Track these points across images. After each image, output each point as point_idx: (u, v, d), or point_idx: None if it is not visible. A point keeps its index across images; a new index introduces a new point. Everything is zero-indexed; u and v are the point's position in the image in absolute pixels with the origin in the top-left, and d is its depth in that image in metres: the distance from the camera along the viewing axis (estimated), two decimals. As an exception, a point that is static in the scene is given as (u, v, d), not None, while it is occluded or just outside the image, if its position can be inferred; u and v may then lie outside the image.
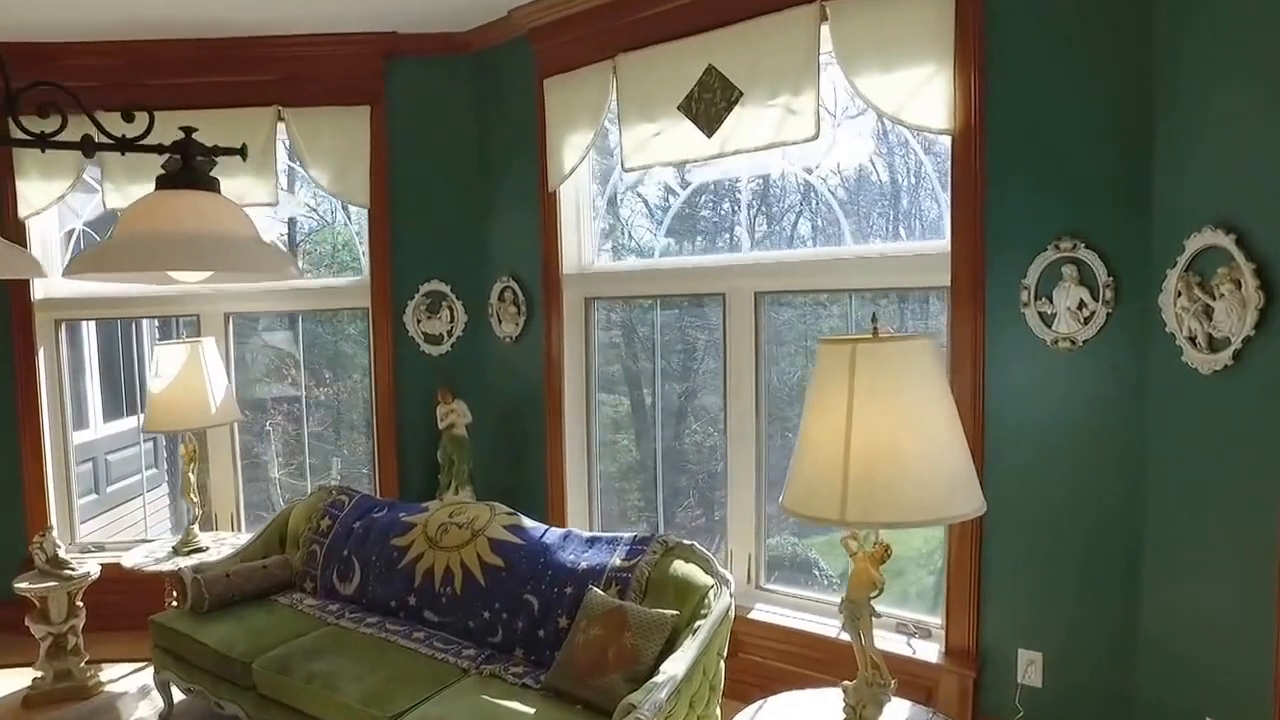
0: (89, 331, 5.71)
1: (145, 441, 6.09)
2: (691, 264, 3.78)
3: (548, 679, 2.68)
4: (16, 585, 3.57)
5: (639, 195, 4.36)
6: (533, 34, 3.93)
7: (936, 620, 3.07)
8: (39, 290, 4.34)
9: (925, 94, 2.79)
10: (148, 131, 1.89)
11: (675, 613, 2.62)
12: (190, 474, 4.00)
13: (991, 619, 2.87)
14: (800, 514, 1.91)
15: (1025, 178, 2.71)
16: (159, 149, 1.88)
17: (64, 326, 4.47)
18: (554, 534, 3.21)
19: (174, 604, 3.82)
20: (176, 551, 3.89)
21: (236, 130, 4.08)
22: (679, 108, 3.40)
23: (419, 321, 4.39)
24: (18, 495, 4.33)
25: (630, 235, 4.38)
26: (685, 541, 2.93)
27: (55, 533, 4.19)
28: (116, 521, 5.79)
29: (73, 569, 3.64)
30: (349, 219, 4.66)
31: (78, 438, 4.77)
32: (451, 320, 4.41)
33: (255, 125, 4.14)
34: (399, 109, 4.27)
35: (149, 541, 4.30)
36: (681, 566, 2.82)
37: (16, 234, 4.22)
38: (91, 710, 3.55)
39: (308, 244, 6.09)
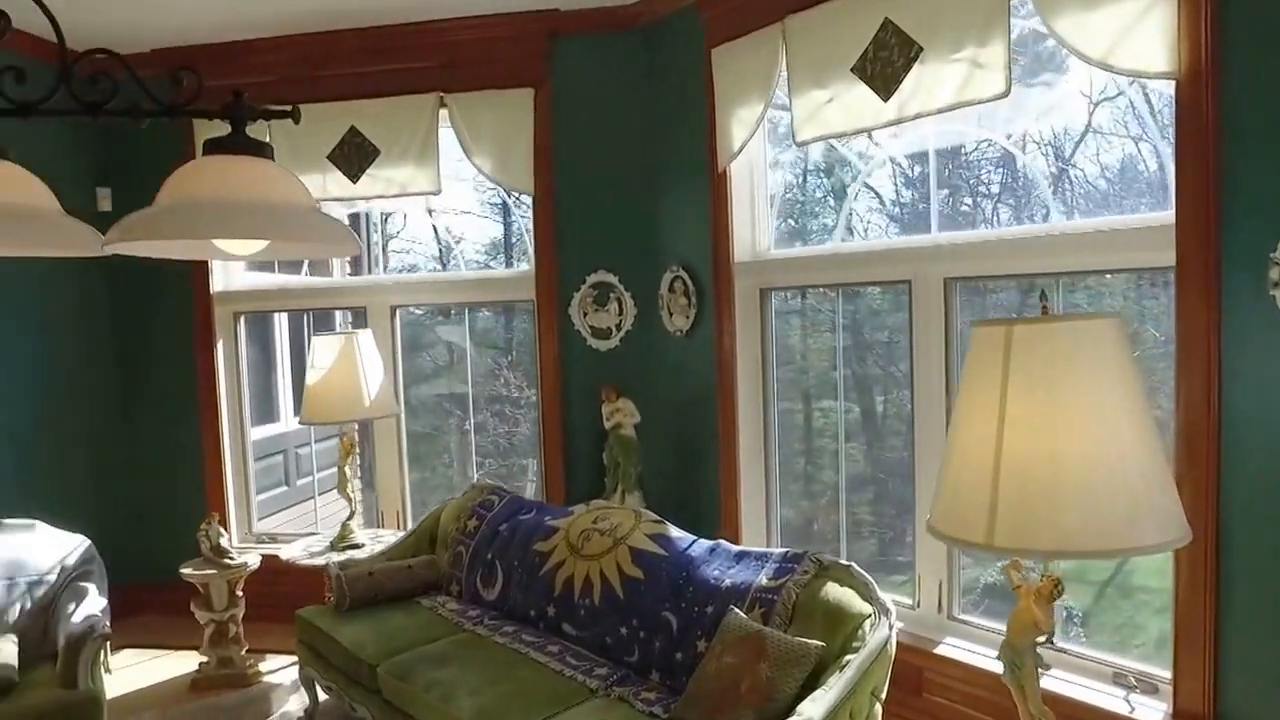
0: (280, 325, 6.32)
1: (335, 436, 6.65)
2: (872, 248, 3.58)
3: (675, 710, 2.59)
4: (181, 570, 3.98)
5: (868, 186, 4.16)
6: (701, 1, 3.90)
7: (1165, 674, 2.67)
8: (217, 283, 4.83)
9: (1141, 31, 2.44)
10: (197, 96, 1.99)
11: (821, 644, 2.44)
12: (346, 469, 4.29)
13: (1235, 677, 2.44)
14: (944, 535, 1.71)
15: (1274, 129, 2.30)
16: (206, 113, 1.98)
17: (242, 319, 4.96)
18: (701, 546, 3.12)
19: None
20: (333, 547, 4.18)
21: (400, 118, 4.40)
22: (852, 70, 3.21)
23: (585, 315, 4.47)
24: (199, 484, 4.85)
25: (860, 226, 4.20)
26: (841, 562, 2.74)
27: (231, 522, 4.68)
28: (308, 514, 6.35)
29: (232, 559, 4.01)
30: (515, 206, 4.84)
31: (268, 431, 5.29)
32: (620, 313, 4.44)
33: (418, 113, 4.40)
34: (563, 90, 4.37)
35: (312, 535, 4.66)
36: (835, 590, 2.63)
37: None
38: (247, 699, 3.87)
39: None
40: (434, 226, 7.07)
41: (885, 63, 3.10)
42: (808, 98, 3.41)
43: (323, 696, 3.59)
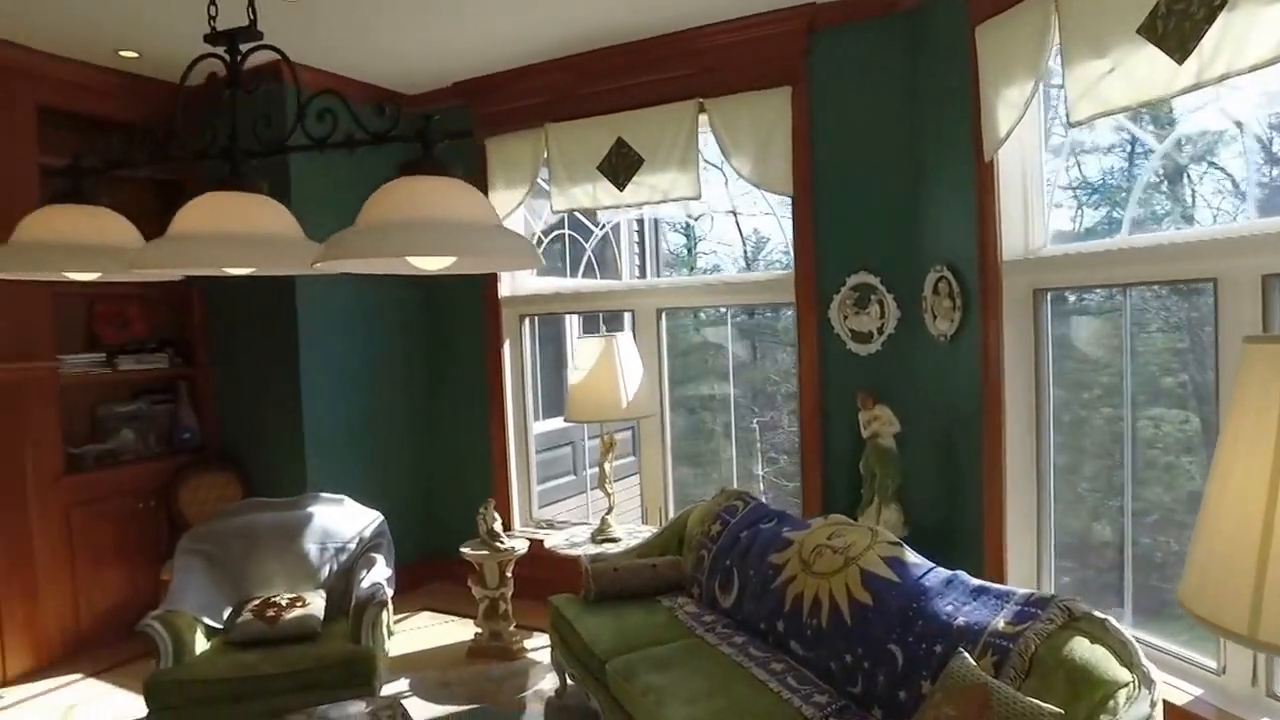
0: (570, 326, 6.56)
1: (624, 430, 6.82)
2: (1161, 241, 2.90)
3: (887, 757, 2.24)
4: (461, 549, 4.21)
5: (1212, 163, 3.44)
6: (969, -26, 3.42)
7: None
8: (504, 288, 5.10)
9: None
10: (395, 124, 2.01)
11: (1060, 711, 1.97)
12: (606, 466, 4.30)
13: None
14: (1194, 613, 1.25)
15: None
16: (403, 138, 1.98)
17: (528, 321, 5.18)
18: (937, 575, 2.71)
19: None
20: (593, 539, 4.21)
21: (661, 126, 4.34)
22: (1139, 30, 2.61)
23: (845, 318, 4.13)
24: (488, 472, 5.14)
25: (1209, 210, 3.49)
26: (1097, 614, 2.21)
27: (513, 507, 4.90)
28: (595, 503, 6.56)
29: (502, 543, 4.18)
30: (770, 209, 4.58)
31: (557, 424, 5.51)
32: (882, 316, 4.05)
33: (679, 120, 4.31)
34: (821, 86, 4.07)
35: (583, 525, 4.74)
36: (1084, 647, 2.12)
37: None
38: (510, 672, 4.02)
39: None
40: (739, 228, 6.99)
41: (1182, 16, 2.48)
42: (1084, 70, 2.84)
43: (570, 681, 3.61)
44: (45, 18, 3.78)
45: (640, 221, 6.77)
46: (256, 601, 3.50)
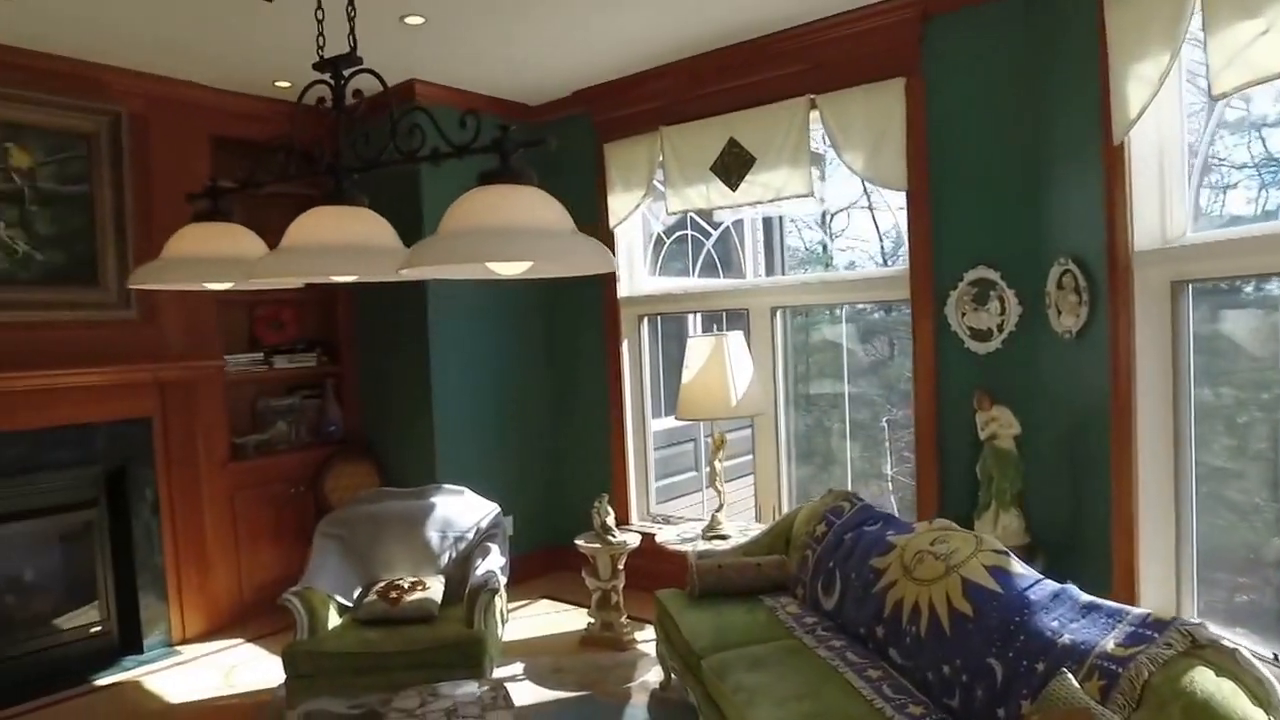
0: (694, 326, 6.52)
1: (743, 429, 6.74)
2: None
3: (974, 777, 2.09)
4: (575, 541, 4.27)
5: None
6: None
7: None
8: (623, 289, 5.13)
9: None
10: (476, 136, 2.03)
11: (1165, 745, 1.78)
12: (716, 463, 4.25)
13: None
14: None
15: None
16: (483, 149, 1.99)
17: (645, 320, 5.19)
18: (1043, 588, 2.51)
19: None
20: (703, 536, 4.17)
21: (772, 124, 4.25)
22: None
23: (963, 315, 3.91)
24: (607, 466, 5.19)
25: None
26: (1226, 642, 1.98)
27: (631, 502, 4.93)
28: (714, 500, 6.52)
29: (614, 536, 4.20)
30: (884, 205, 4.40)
31: (679, 421, 5.50)
32: (1002, 312, 3.81)
33: (789, 117, 4.20)
34: (936, 74, 3.86)
35: (692, 521, 4.71)
36: (1207, 680, 1.90)
37: (607, 243, 5.07)
38: (619, 662, 4.04)
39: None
40: (875, 223, 6.77)
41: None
42: (1231, 34, 2.53)
43: (674, 675, 3.59)
44: (217, 59, 4.12)
45: (765, 219, 6.66)
46: (382, 583, 3.67)
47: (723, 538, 4.10)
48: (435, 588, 3.70)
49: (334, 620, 3.55)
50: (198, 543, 4.51)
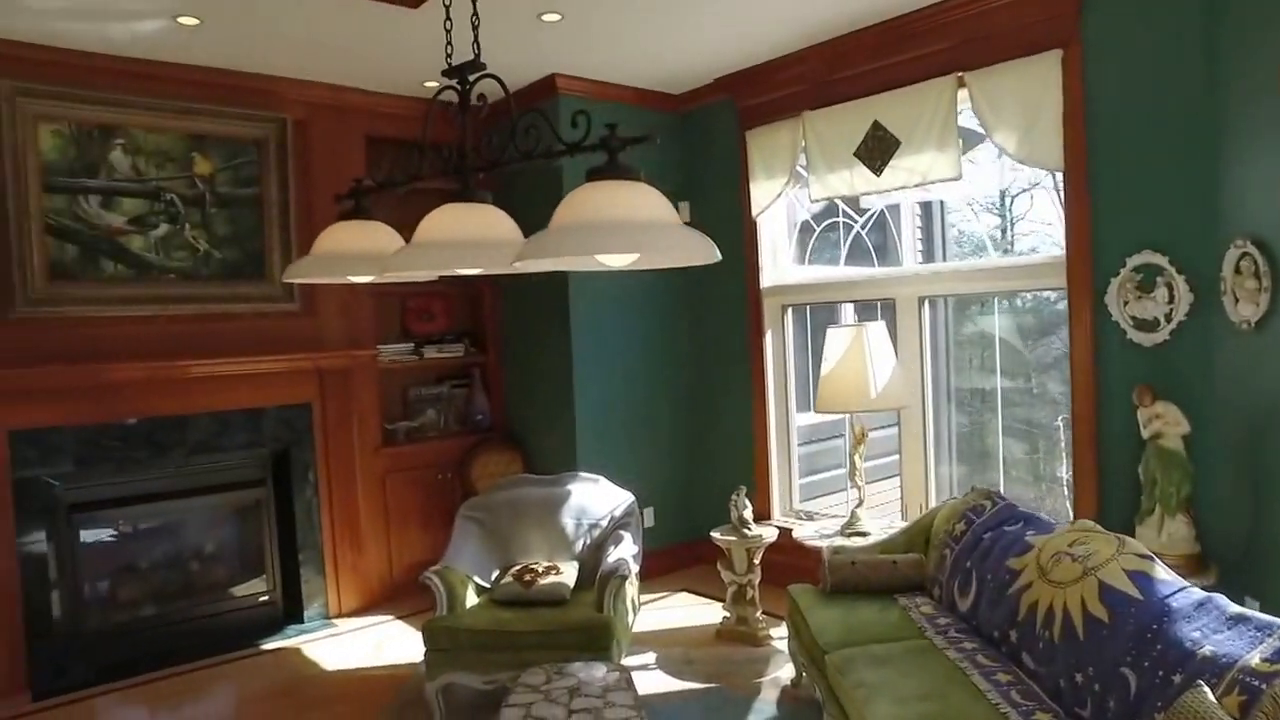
0: (845, 316, 6.50)
1: (894, 425, 6.65)
2: None
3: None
4: (711, 534, 4.42)
5: None
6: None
7: None
8: (766, 278, 5.21)
9: None
10: (586, 135, 2.19)
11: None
12: (856, 458, 4.28)
13: None
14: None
15: None
16: (592, 147, 2.15)
17: (789, 311, 5.25)
18: (1187, 596, 2.43)
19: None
20: (841, 532, 4.22)
21: (918, 106, 4.23)
22: None
23: (1125, 303, 3.75)
24: (749, 460, 5.30)
25: None
26: (1385, 659, 1.88)
27: (773, 497, 5.02)
28: (874, 495, 6.45)
29: (750, 530, 4.32)
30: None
31: (829, 416, 5.53)
32: (1170, 301, 3.63)
33: (936, 97, 4.16)
34: (1097, 43, 3.72)
35: (835, 518, 4.74)
36: (1354, 698, 1.83)
37: (750, 232, 5.17)
38: (752, 657, 4.16)
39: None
40: (1060, 205, 6.54)
41: None
42: None
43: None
44: (371, 64, 4.54)
45: (924, 204, 6.54)
46: (518, 566, 3.96)
47: (862, 535, 4.13)
48: (568, 572, 3.95)
49: (472, 600, 3.87)
50: (352, 523, 5.00)
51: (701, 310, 5.61)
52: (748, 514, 4.40)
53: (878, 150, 4.44)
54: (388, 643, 4.54)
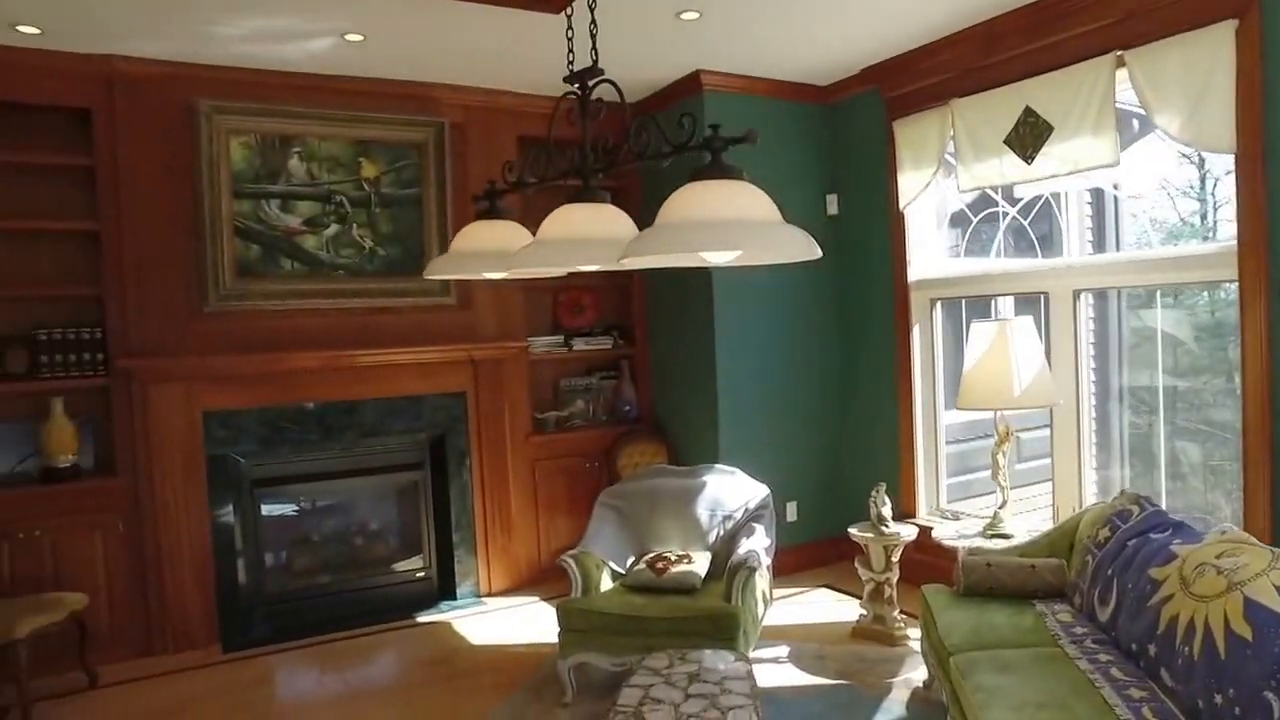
0: (1003, 310, 6.25)
1: (1046, 426, 6.34)
2: None
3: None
4: (849, 530, 4.42)
5: None
6: None
7: None
8: (914, 271, 5.11)
9: None
10: (691, 136, 2.27)
11: None
12: (999, 457, 4.16)
13: None
14: None
15: None
16: (695, 148, 2.24)
17: (937, 305, 5.13)
18: (1344, 617, 2.26)
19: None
20: (983, 534, 4.12)
21: (1072, 89, 4.09)
22: None
23: (1306, 297, 3.48)
24: (893, 458, 5.23)
25: None
26: None
27: (919, 495, 4.95)
28: (1030, 499, 6.20)
29: (887, 528, 4.29)
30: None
31: (985, 414, 5.38)
32: (1361, 296, 3.34)
33: (1093, 78, 3.97)
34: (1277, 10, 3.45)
35: (980, 519, 4.61)
36: None
37: (898, 224, 5.09)
38: (886, 657, 4.14)
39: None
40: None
41: None
42: None
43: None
44: (521, 68, 4.82)
45: (1095, 190, 6.19)
46: (651, 554, 4.13)
47: (1004, 537, 4.03)
48: (700, 562, 4.07)
49: (606, 584, 4.07)
50: (503, 507, 5.33)
51: (847, 304, 5.58)
52: (886, 511, 4.37)
53: (1029, 137, 4.29)
54: (532, 623, 4.82)
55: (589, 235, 2.61)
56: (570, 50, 2.84)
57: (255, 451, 4.72)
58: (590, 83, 2.74)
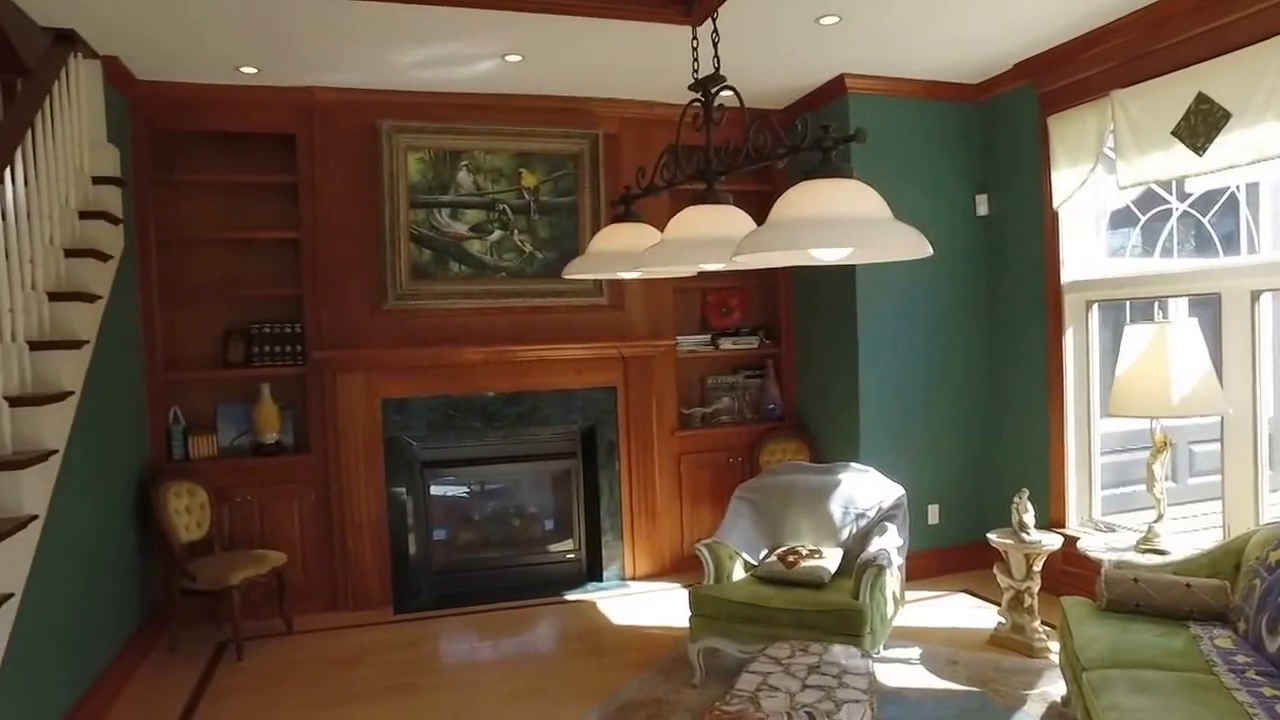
0: (1175, 313, 5.64)
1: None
2: None
3: None
4: (988, 535, 4.12)
5: None
6: None
7: None
8: (1067, 273, 4.69)
9: None
10: (804, 138, 2.16)
11: None
12: (1155, 467, 3.75)
13: None
14: None
15: None
16: (807, 148, 2.12)
17: (1094, 308, 4.69)
18: None
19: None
20: (1135, 549, 3.73)
21: (1254, 70, 3.65)
22: None
23: None
24: (1042, 464, 4.83)
25: None
26: None
27: (1070, 505, 4.57)
28: (1200, 516, 5.59)
29: (1028, 535, 3.96)
30: None
31: (1137, 424, 4.89)
32: None
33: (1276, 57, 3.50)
34: None
35: (1135, 532, 4.17)
36: None
37: (1051, 223, 4.69)
38: (1023, 668, 3.81)
39: None
40: None
41: None
42: None
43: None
44: (670, 79, 4.76)
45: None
46: (783, 548, 4.00)
47: (1158, 553, 3.62)
48: (831, 558, 3.91)
49: (739, 574, 3.98)
50: (649, 497, 5.33)
51: (996, 305, 5.21)
52: (1028, 518, 4.03)
53: (1201, 126, 3.83)
54: (671, 608, 4.79)
55: (709, 235, 2.55)
56: (715, 57, 2.78)
57: (425, 436, 4.96)
58: (713, 90, 2.68)
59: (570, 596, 5.05)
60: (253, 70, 4.42)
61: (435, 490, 5.17)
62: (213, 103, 4.64)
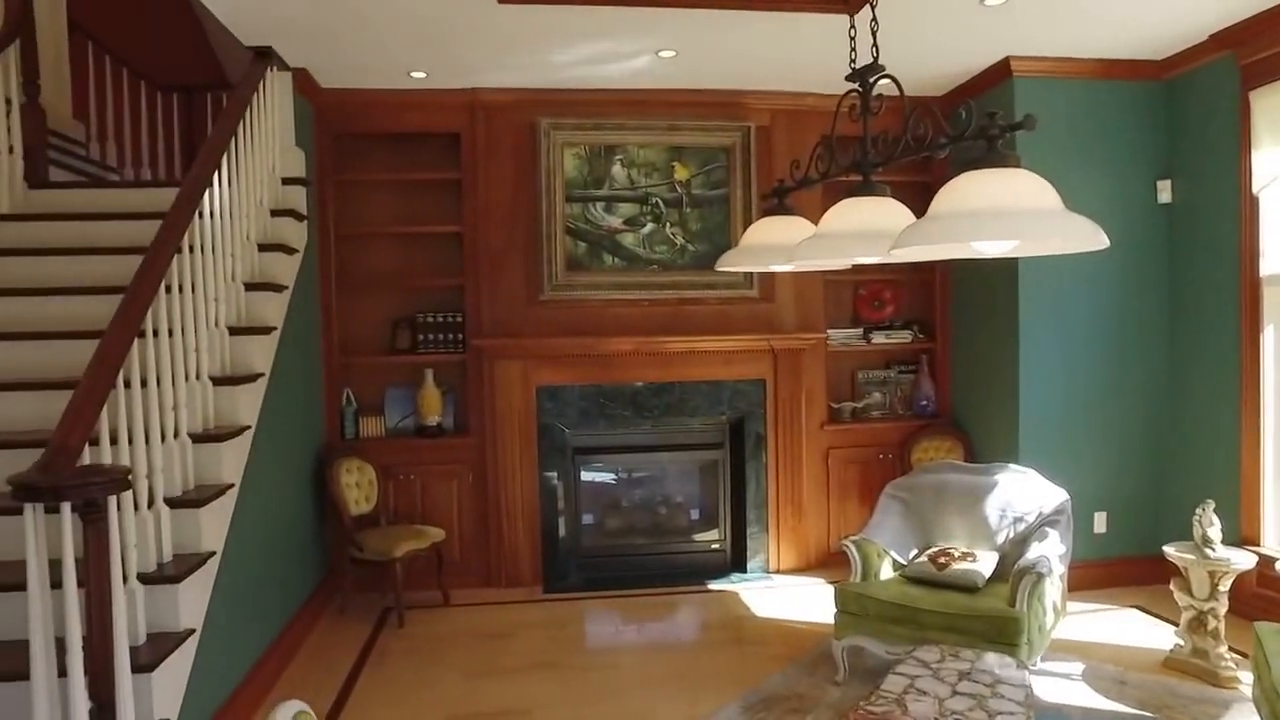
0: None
1: None
2: None
3: None
4: (1164, 548, 3.82)
5: None
6: None
7: None
8: (1267, 265, 4.25)
9: None
10: (968, 126, 2.05)
11: None
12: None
13: None
14: None
15: None
16: (971, 137, 2.01)
17: (1298, 303, 4.25)
18: None
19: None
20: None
21: None
22: None
23: None
24: (1235, 475, 4.41)
25: None
26: None
27: (1265, 519, 4.19)
28: None
29: (1213, 551, 3.64)
30: None
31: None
32: None
33: None
34: None
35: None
36: None
37: (1249, 210, 4.27)
38: (1204, 698, 3.50)
39: None
40: None
41: None
42: None
43: None
44: (824, 70, 4.67)
45: None
46: (935, 549, 3.86)
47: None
48: (985, 562, 3.74)
49: (887, 573, 3.88)
50: (796, 490, 5.27)
51: (1179, 299, 4.79)
52: (1214, 533, 3.70)
53: None
54: (815, 603, 4.71)
55: (866, 228, 2.49)
56: (874, 45, 2.69)
57: (577, 423, 5.10)
58: (871, 79, 2.60)
59: (714, 586, 5.07)
60: (422, 74, 4.68)
61: (585, 476, 5.31)
62: (386, 106, 4.95)
